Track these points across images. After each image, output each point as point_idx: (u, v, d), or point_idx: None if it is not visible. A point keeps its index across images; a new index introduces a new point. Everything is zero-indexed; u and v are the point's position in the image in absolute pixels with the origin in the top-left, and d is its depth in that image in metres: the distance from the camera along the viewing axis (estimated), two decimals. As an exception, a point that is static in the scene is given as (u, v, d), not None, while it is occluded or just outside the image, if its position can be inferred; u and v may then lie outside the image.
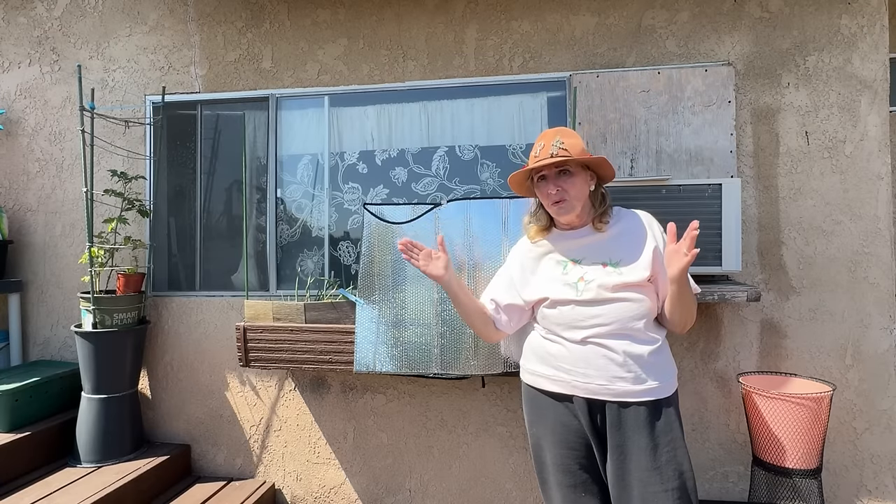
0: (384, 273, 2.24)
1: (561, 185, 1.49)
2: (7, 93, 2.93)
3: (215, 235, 2.78)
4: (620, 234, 1.52)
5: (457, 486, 2.53)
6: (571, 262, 1.54)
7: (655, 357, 1.45)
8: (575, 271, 1.52)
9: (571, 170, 1.50)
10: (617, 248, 1.50)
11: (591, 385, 1.45)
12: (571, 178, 1.50)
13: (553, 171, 1.51)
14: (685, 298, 1.43)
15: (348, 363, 2.24)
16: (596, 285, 1.46)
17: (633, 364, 1.42)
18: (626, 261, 1.47)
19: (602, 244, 1.52)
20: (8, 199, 2.92)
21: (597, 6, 2.45)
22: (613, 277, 1.45)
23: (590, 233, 1.55)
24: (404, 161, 2.63)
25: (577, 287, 1.49)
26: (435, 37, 2.58)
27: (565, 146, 1.47)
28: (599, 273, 1.48)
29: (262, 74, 2.71)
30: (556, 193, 1.49)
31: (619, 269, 1.46)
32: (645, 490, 1.38)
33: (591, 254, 1.52)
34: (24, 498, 2.15)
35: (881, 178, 2.23)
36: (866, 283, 2.23)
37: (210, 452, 2.73)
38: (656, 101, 2.35)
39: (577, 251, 1.55)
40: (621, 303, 1.44)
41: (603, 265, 1.49)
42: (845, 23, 2.26)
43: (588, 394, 1.47)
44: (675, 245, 1.34)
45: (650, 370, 1.43)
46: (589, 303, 1.46)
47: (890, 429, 2.23)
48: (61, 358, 2.86)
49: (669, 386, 1.47)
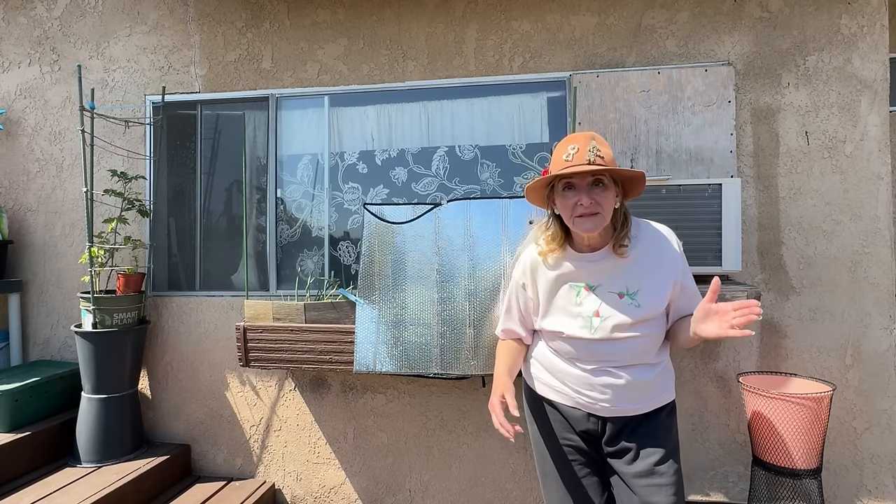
0: (384, 273, 2.24)
1: (595, 197, 1.32)
2: (7, 93, 2.93)
3: (215, 235, 2.78)
4: (640, 258, 1.39)
5: (457, 487, 2.53)
6: (585, 287, 1.42)
7: (660, 378, 1.47)
8: (589, 302, 1.41)
9: (606, 182, 1.34)
10: (635, 274, 1.38)
11: (596, 406, 1.46)
12: (606, 191, 1.33)
13: (587, 180, 1.34)
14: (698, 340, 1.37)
15: (348, 363, 2.24)
16: (612, 324, 1.38)
17: (638, 388, 1.43)
18: (645, 291, 1.37)
19: (620, 270, 1.39)
20: (8, 199, 2.92)
21: (597, 6, 2.45)
22: (630, 312, 1.37)
23: (607, 256, 1.40)
24: (404, 161, 2.63)
25: (591, 323, 1.40)
26: (435, 37, 2.58)
27: (601, 154, 1.31)
28: (615, 307, 1.38)
29: (262, 74, 2.71)
30: (591, 205, 1.31)
31: (637, 300, 1.37)
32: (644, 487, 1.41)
33: (608, 280, 1.40)
34: (24, 498, 2.15)
35: (881, 178, 2.23)
36: (866, 283, 2.23)
37: (210, 452, 2.73)
38: (656, 101, 2.35)
39: (592, 276, 1.42)
40: (637, 339, 1.39)
41: (619, 295, 1.39)
42: (845, 23, 2.26)
43: (592, 411, 1.49)
44: (721, 308, 1.21)
45: (654, 391, 1.46)
46: (603, 340, 1.40)
47: (890, 429, 2.23)
48: (61, 358, 2.86)
49: (668, 395, 1.50)
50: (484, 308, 2.15)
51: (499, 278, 2.13)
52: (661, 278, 1.38)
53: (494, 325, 2.14)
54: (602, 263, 1.41)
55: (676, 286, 1.39)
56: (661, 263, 1.39)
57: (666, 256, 1.40)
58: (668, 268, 1.39)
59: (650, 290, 1.37)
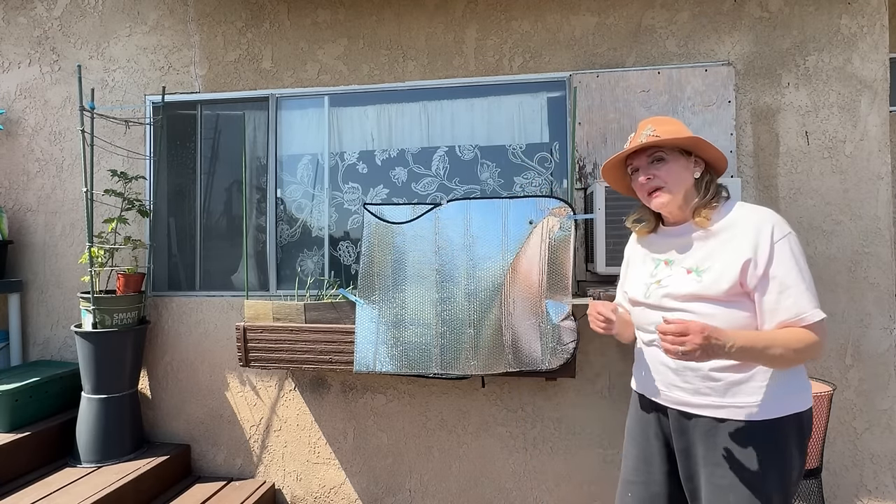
0: (384, 273, 2.24)
1: (654, 172, 1.35)
2: (7, 93, 2.93)
3: (215, 235, 2.78)
4: (721, 236, 1.30)
5: (457, 487, 2.53)
6: (664, 262, 1.39)
7: (726, 375, 1.27)
8: (661, 273, 1.39)
9: (666, 156, 1.34)
10: (711, 253, 1.30)
11: (652, 387, 1.41)
12: (666, 164, 1.34)
13: (645, 160, 1.37)
14: (762, 359, 1.21)
15: (348, 363, 2.24)
16: (664, 293, 1.35)
17: (690, 375, 1.30)
18: (714, 269, 1.28)
19: (698, 245, 1.33)
20: (8, 199, 2.92)
21: (597, 6, 2.45)
22: (687, 285, 1.30)
23: (689, 230, 1.36)
24: (404, 161, 2.63)
25: (648, 288, 1.40)
26: (435, 37, 2.58)
27: (657, 133, 1.33)
28: (679, 279, 1.33)
29: (262, 74, 2.71)
30: (648, 182, 1.35)
31: (702, 276, 1.29)
32: (709, 499, 1.30)
33: (685, 255, 1.35)
34: (24, 498, 2.15)
35: (881, 178, 2.23)
36: (866, 283, 2.23)
37: (210, 452, 2.73)
38: (656, 101, 2.35)
39: (672, 250, 1.39)
40: (681, 314, 1.29)
41: (688, 271, 1.32)
42: (845, 23, 2.26)
43: (651, 395, 1.42)
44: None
45: (714, 387, 1.28)
46: (653, 307, 1.38)
47: (890, 429, 2.23)
48: (61, 358, 2.86)
49: (769, 405, 1.24)
50: (484, 308, 2.15)
51: (499, 278, 2.13)
52: (733, 257, 1.25)
53: (494, 325, 2.14)
54: (683, 238, 1.38)
55: (752, 271, 1.23)
56: (739, 243, 1.26)
57: (746, 235, 1.26)
58: (745, 247, 1.24)
59: (717, 268, 1.27)
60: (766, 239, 1.23)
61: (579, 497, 2.43)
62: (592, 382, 2.40)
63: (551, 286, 2.12)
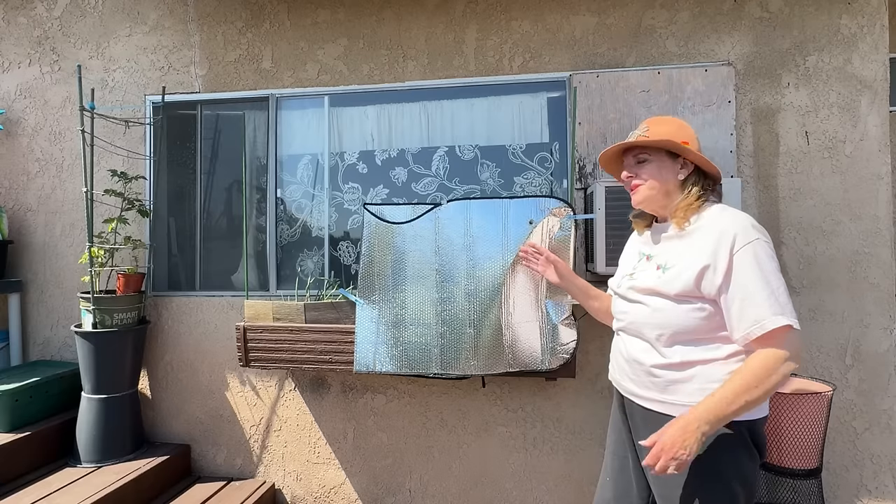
0: (384, 273, 2.24)
1: (635, 170, 1.44)
2: (7, 93, 2.93)
3: (215, 235, 2.78)
4: (689, 238, 1.33)
5: (457, 487, 2.53)
6: (646, 257, 1.46)
7: (665, 373, 1.31)
8: (639, 266, 1.46)
9: (649, 157, 1.41)
10: (678, 252, 1.34)
11: (613, 374, 1.52)
12: (647, 164, 1.41)
13: (632, 158, 1.46)
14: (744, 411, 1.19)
15: (348, 363, 2.24)
16: (630, 284, 1.43)
17: (637, 368, 1.39)
18: (675, 269, 1.31)
19: (670, 244, 1.38)
20: (8, 199, 2.92)
21: (597, 6, 2.45)
22: (649, 279, 1.37)
23: (667, 228, 1.41)
24: (404, 161, 2.63)
25: (622, 279, 1.50)
26: (435, 37, 2.58)
27: (649, 133, 1.40)
28: (647, 273, 1.39)
29: (262, 74, 2.71)
30: (629, 180, 1.45)
31: (664, 273, 1.33)
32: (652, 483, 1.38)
33: (660, 252, 1.40)
34: (24, 498, 2.15)
35: (881, 178, 2.23)
36: (866, 283, 2.23)
37: (210, 452, 2.73)
38: (656, 101, 2.35)
39: (655, 246, 1.44)
40: (640, 305, 1.38)
41: (657, 267, 1.37)
42: (845, 23, 2.26)
43: (615, 384, 1.52)
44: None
45: (655, 382, 1.33)
46: (622, 297, 1.47)
47: (890, 429, 2.23)
48: (61, 358, 2.86)
49: (681, 409, 1.26)
50: (484, 308, 2.15)
51: (499, 278, 2.13)
52: (692, 261, 1.27)
53: (494, 325, 2.14)
54: (662, 235, 1.43)
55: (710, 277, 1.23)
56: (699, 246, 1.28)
57: (707, 241, 1.27)
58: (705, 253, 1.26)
59: (678, 268, 1.30)
60: (726, 248, 1.22)
61: (579, 497, 2.43)
62: (592, 382, 2.40)
63: (551, 286, 2.12)
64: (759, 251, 1.22)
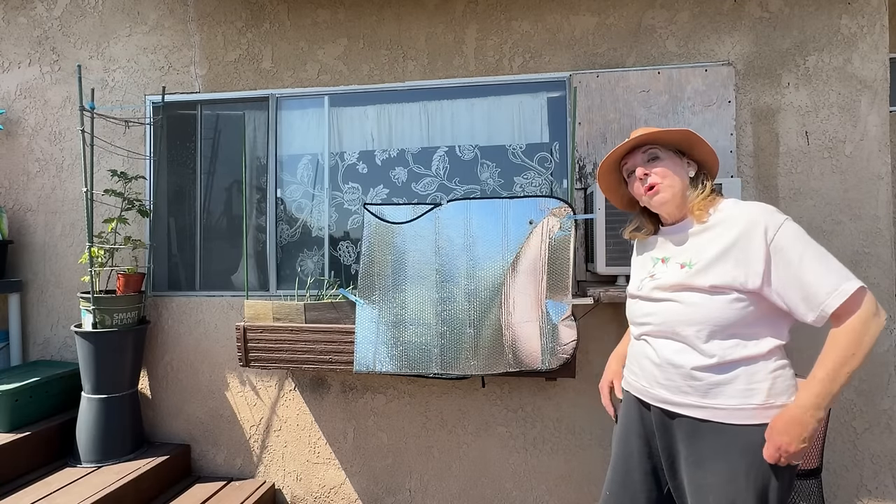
0: (384, 273, 2.24)
1: (651, 168, 1.36)
2: (7, 93, 2.93)
3: (215, 235, 2.78)
4: (715, 230, 1.30)
5: (457, 486, 2.53)
6: (661, 260, 1.40)
7: (707, 375, 1.24)
8: (657, 269, 1.40)
9: (660, 154, 1.37)
10: (704, 245, 1.30)
11: (637, 384, 1.42)
12: (662, 161, 1.37)
13: (640, 158, 1.39)
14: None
15: (348, 363, 2.24)
16: (654, 284, 1.36)
17: (672, 373, 1.29)
18: (703, 261, 1.28)
19: (694, 240, 1.34)
20: (8, 199, 2.92)
21: (597, 6, 2.45)
22: (676, 276, 1.31)
23: (687, 226, 1.37)
24: (404, 161, 2.63)
25: (642, 282, 1.42)
26: (435, 37, 2.58)
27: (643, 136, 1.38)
28: (671, 272, 1.34)
29: (262, 74, 2.71)
30: (645, 178, 1.37)
31: (694, 268, 1.29)
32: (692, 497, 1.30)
33: (680, 251, 1.36)
34: (24, 498, 2.15)
35: (881, 178, 2.23)
36: (866, 283, 2.22)
37: (210, 452, 2.73)
38: (656, 101, 2.35)
39: (670, 248, 1.39)
40: (670, 303, 1.31)
41: (681, 266, 1.32)
42: (845, 23, 2.26)
43: (637, 392, 1.42)
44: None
45: (695, 386, 1.25)
46: (645, 299, 1.39)
47: (890, 429, 2.23)
48: (61, 358, 2.86)
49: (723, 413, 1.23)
50: (484, 308, 2.15)
51: (499, 278, 2.13)
52: (724, 249, 1.25)
53: (494, 325, 2.14)
54: (680, 234, 1.38)
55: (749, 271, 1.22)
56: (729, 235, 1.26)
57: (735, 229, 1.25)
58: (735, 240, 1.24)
59: (707, 260, 1.27)
60: (759, 239, 1.21)
61: (579, 497, 2.43)
62: (592, 382, 2.40)
63: (551, 286, 2.12)
64: (793, 231, 1.21)
